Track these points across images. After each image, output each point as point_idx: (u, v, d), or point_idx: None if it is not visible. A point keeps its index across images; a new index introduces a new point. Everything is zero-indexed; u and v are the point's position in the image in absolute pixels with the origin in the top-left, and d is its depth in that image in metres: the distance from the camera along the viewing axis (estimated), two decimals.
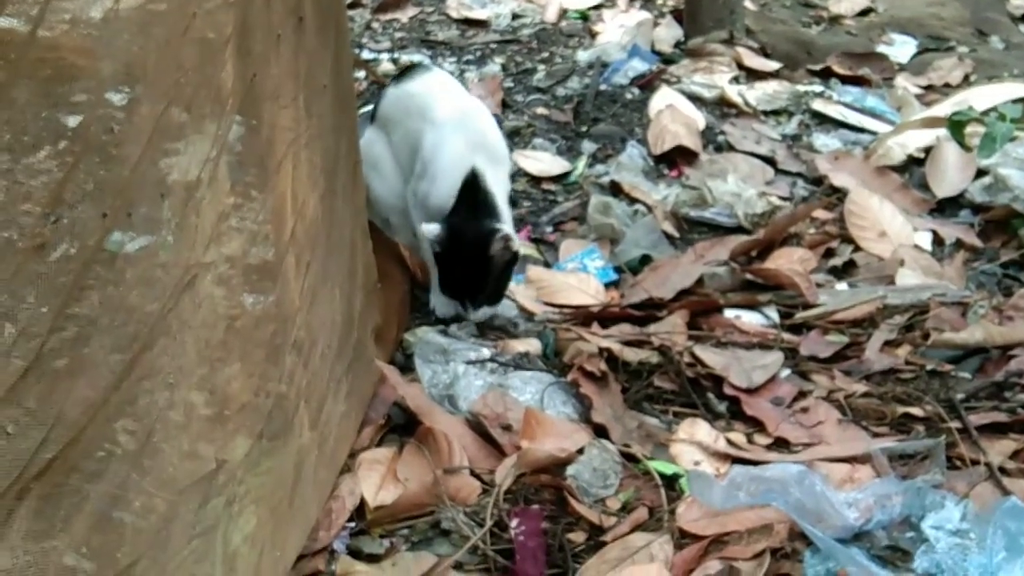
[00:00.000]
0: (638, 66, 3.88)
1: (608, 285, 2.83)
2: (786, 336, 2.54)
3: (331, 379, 1.95)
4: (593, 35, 4.29)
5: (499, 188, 2.60)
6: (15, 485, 1.31)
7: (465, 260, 2.49)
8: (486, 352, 2.38)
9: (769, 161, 3.45)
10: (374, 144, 2.74)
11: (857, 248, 2.98)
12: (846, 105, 3.80)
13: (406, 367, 2.38)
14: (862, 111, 3.77)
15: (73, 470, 1.40)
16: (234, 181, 1.56)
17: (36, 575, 1.35)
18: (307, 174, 1.79)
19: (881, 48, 4.43)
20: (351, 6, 4.50)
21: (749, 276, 2.79)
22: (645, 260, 2.92)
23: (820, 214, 3.13)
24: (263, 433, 1.65)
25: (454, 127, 2.60)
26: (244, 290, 1.60)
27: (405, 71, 2.92)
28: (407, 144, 2.67)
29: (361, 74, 3.89)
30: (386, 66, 4.02)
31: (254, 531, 1.65)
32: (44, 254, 1.34)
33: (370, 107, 3.49)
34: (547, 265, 2.91)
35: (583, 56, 4.04)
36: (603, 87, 3.79)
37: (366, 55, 4.12)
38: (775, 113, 3.76)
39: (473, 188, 2.53)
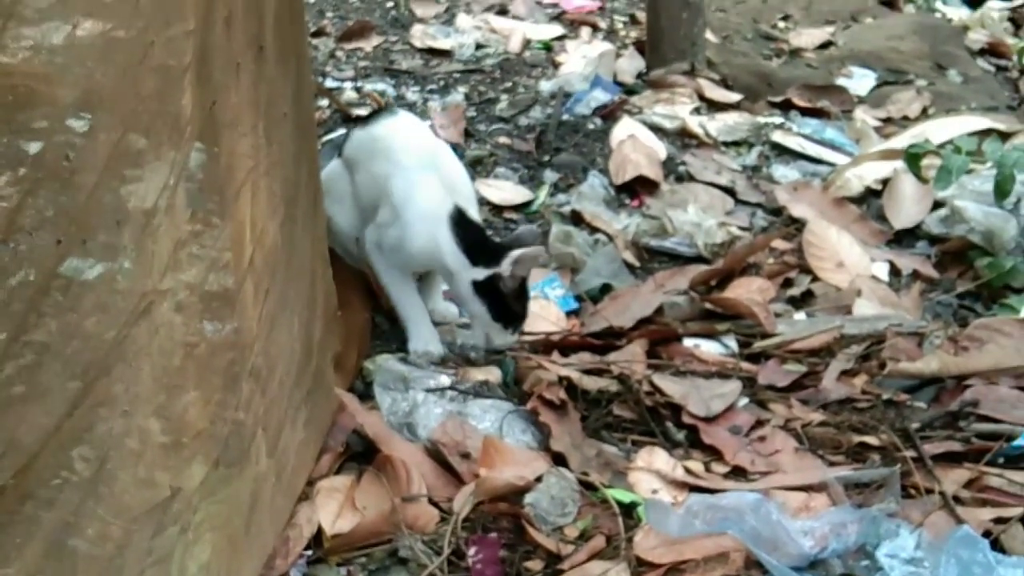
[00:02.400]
0: (600, 96, 3.89)
1: (569, 314, 2.84)
2: (744, 365, 2.56)
3: (289, 407, 1.95)
4: (556, 65, 4.30)
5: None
6: None
7: (521, 288, 2.50)
8: (446, 380, 2.38)
9: (729, 191, 3.47)
10: (339, 180, 2.71)
11: (815, 278, 3.00)
12: (805, 137, 3.83)
13: (366, 395, 2.38)
14: (821, 143, 3.80)
15: (27, 497, 1.40)
16: (193, 208, 1.56)
17: None
18: (266, 202, 1.80)
19: (840, 81, 4.47)
20: (315, 35, 4.51)
21: (708, 306, 2.80)
22: (605, 289, 2.93)
23: (779, 244, 3.16)
24: (219, 461, 1.65)
25: (424, 169, 2.57)
26: (202, 317, 1.60)
27: (371, 114, 2.89)
28: (370, 187, 2.64)
29: (324, 103, 3.89)
30: (349, 95, 4.03)
31: (210, 559, 1.64)
32: (1, 280, 1.34)
33: (334, 135, 3.52)
34: None
35: (546, 86, 4.05)
36: (565, 117, 3.80)
37: (330, 84, 4.12)
38: (735, 144, 3.78)
39: (465, 224, 2.52)
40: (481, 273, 2.46)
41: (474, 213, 2.59)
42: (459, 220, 2.51)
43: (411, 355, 2.53)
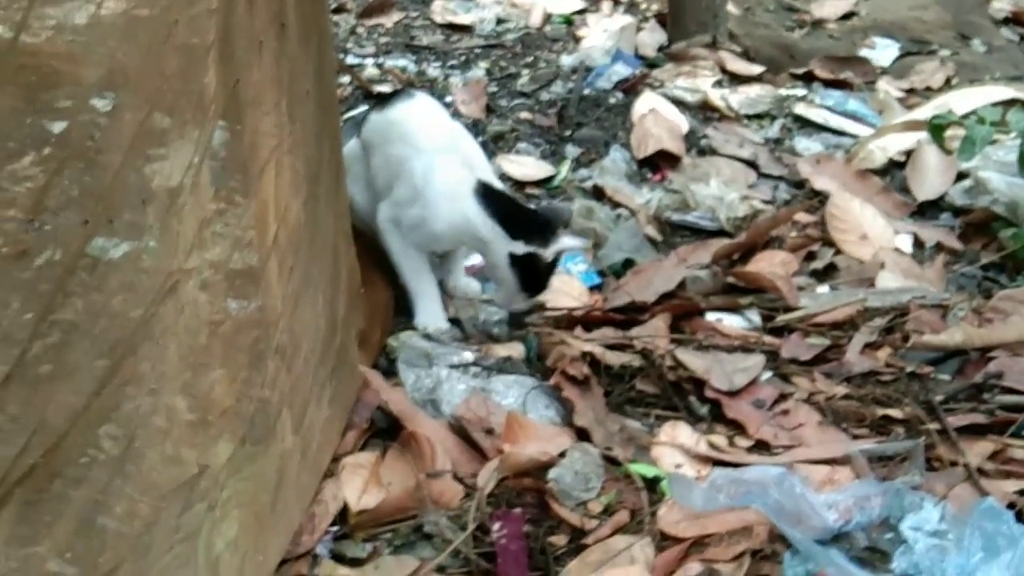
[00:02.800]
0: (621, 70, 3.89)
1: (591, 289, 2.84)
2: (767, 339, 2.55)
3: (314, 384, 1.96)
4: (577, 40, 4.30)
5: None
6: None
7: (552, 264, 2.53)
8: (469, 356, 2.39)
9: (751, 165, 3.47)
10: (358, 160, 2.73)
11: (838, 251, 2.99)
12: (828, 109, 3.82)
13: (389, 371, 2.38)
14: (844, 114, 3.79)
15: (56, 476, 1.41)
16: (217, 187, 1.57)
17: None
18: (290, 180, 1.80)
19: (863, 52, 4.44)
20: (336, 11, 4.51)
21: (731, 279, 2.80)
22: (628, 264, 2.93)
23: (802, 217, 3.15)
24: (246, 438, 1.66)
25: (442, 151, 2.59)
26: (227, 295, 1.61)
27: (389, 96, 2.89)
28: (386, 170, 2.65)
29: (346, 79, 3.89)
30: (371, 71, 4.03)
31: (237, 536, 1.66)
32: (28, 260, 1.35)
33: (356, 112, 3.53)
34: None
35: (567, 61, 4.05)
36: (587, 91, 3.79)
37: (351, 60, 4.13)
38: (758, 117, 3.78)
39: (494, 195, 2.54)
40: (521, 248, 2.47)
41: (498, 184, 2.60)
42: (486, 192, 2.52)
43: (418, 329, 2.55)
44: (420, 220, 2.56)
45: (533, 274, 2.50)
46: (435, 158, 2.57)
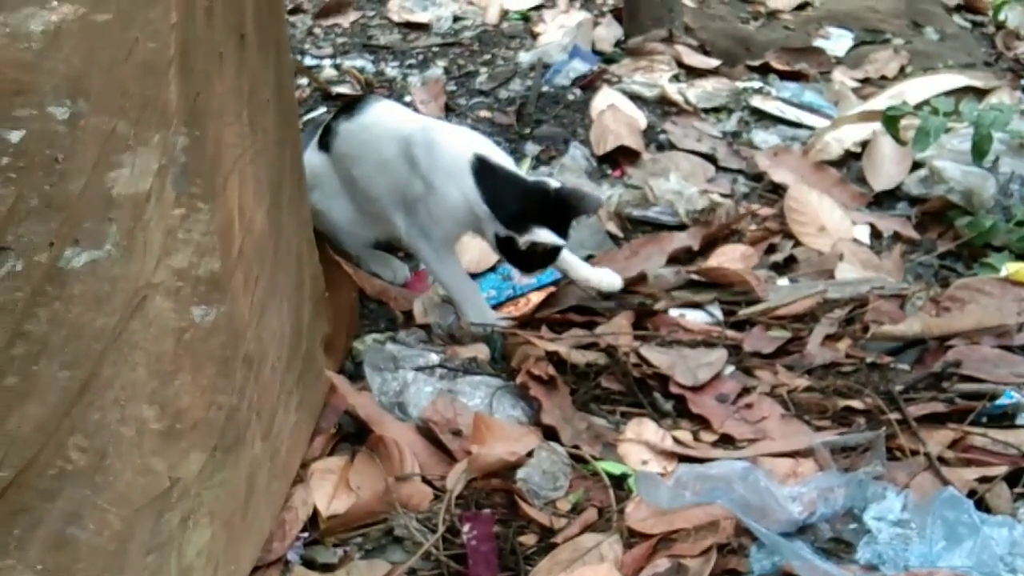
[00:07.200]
0: (579, 67, 3.90)
1: (553, 284, 2.84)
2: (730, 333, 2.57)
3: (282, 391, 1.97)
4: (534, 36, 4.30)
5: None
6: None
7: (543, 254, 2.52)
8: (435, 358, 2.40)
9: (710, 159, 3.48)
10: (329, 176, 2.75)
11: (797, 243, 3.02)
12: (784, 101, 3.84)
13: (356, 375, 2.40)
14: (800, 106, 3.81)
15: (28, 489, 1.41)
16: (179, 192, 1.57)
17: None
18: (253, 189, 1.81)
19: (818, 42, 4.47)
20: (292, 12, 4.49)
21: (696, 276, 2.82)
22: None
23: (761, 210, 3.17)
24: (216, 447, 1.67)
25: (433, 125, 2.65)
26: (193, 302, 1.62)
27: (348, 105, 2.87)
28: (383, 172, 2.66)
29: (304, 81, 3.89)
30: (329, 72, 4.02)
31: (208, 545, 1.67)
32: None
33: (315, 114, 3.53)
34: (492, 269, 2.92)
35: (525, 58, 4.05)
36: (545, 89, 3.80)
37: (308, 61, 4.12)
38: (715, 110, 3.79)
39: (490, 171, 2.55)
40: (502, 231, 2.49)
41: (498, 158, 2.62)
42: (482, 168, 2.54)
43: (470, 326, 2.57)
44: (436, 207, 2.56)
45: (518, 256, 2.51)
46: (431, 133, 2.61)
